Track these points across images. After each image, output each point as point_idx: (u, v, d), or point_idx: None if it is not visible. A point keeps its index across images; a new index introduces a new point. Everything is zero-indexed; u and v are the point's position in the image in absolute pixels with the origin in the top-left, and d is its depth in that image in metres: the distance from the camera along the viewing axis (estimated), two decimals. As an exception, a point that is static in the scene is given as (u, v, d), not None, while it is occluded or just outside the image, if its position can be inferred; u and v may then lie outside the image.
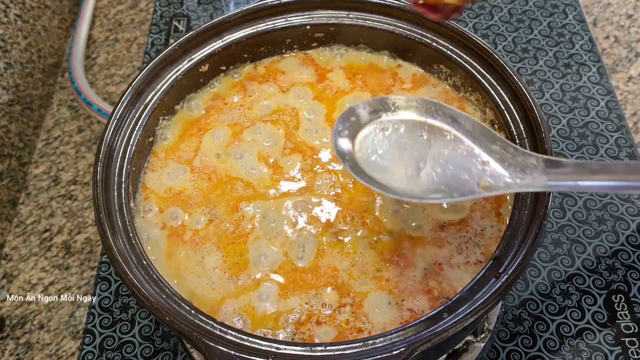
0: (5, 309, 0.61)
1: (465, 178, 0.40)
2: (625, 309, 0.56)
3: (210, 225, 0.48)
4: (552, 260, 0.59)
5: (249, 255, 0.46)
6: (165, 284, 0.41)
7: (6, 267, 0.64)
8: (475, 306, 0.38)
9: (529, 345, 0.54)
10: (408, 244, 0.46)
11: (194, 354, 0.54)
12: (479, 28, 0.78)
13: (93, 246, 0.65)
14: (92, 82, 0.79)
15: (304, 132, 0.53)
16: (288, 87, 0.56)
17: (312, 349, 0.38)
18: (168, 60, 0.52)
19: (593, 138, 0.67)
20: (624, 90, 0.74)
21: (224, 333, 0.38)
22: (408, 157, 0.41)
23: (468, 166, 0.40)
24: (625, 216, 0.62)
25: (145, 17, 0.86)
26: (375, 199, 0.48)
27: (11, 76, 0.70)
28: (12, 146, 0.69)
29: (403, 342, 0.37)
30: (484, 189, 0.39)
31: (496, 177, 0.39)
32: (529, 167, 0.39)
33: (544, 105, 0.70)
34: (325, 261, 0.46)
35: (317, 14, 0.56)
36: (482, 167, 0.40)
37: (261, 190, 0.49)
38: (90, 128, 0.75)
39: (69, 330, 0.59)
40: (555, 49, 0.75)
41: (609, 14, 0.82)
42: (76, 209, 0.68)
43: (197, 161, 0.51)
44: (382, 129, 0.43)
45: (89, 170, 0.71)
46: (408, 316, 0.43)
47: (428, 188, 0.40)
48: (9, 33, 0.71)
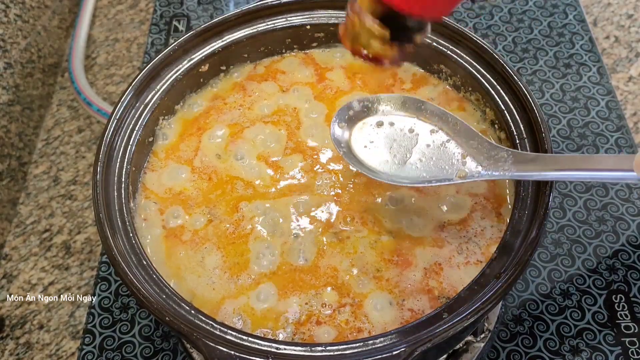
0: (5, 309, 0.61)
1: (445, 168, 0.46)
2: (626, 309, 0.56)
3: (210, 225, 0.48)
4: (552, 260, 0.59)
5: (249, 255, 0.46)
6: (165, 284, 0.41)
7: (6, 267, 0.64)
8: (475, 306, 0.38)
9: (529, 345, 0.54)
10: (408, 244, 0.46)
11: (194, 354, 0.54)
12: (479, 28, 0.78)
13: (93, 246, 0.65)
14: (92, 82, 0.79)
15: (304, 132, 0.53)
16: (288, 87, 0.56)
17: (312, 349, 0.38)
18: (168, 60, 0.52)
19: (593, 138, 0.67)
20: (624, 90, 0.74)
21: (224, 333, 0.38)
22: (397, 148, 0.47)
23: (448, 158, 0.46)
24: (625, 216, 0.62)
25: (145, 17, 0.86)
26: (376, 199, 0.48)
27: (11, 76, 0.70)
28: (12, 146, 0.69)
29: (403, 342, 0.37)
30: (460, 178, 0.45)
31: (471, 168, 0.45)
32: (501, 159, 0.44)
33: (544, 105, 0.70)
34: (325, 261, 0.46)
35: (317, 14, 0.56)
36: (460, 160, 0.46)
37: (261, 190, 0.49)
38: (90, 128, 0.75)
39: (69, 330, 0.59)
40: (555, 49, 0.75)
41: (609, 14, 0.82)
42: (76, 209, 0.68)
43: (197, 161, 0.51)
44: (375, 123, 0.49)
45: (89, 170, 0.71)
46: (408, 316, 0.43)
47: (411, 175, 0.46)
48: (9, 33, 0.71)
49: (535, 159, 0.43)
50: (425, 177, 0.46)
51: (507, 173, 0.43)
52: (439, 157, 0.46)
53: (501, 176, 0.44)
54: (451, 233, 0.46)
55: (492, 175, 0.44)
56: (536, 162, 0.43)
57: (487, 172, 0.44)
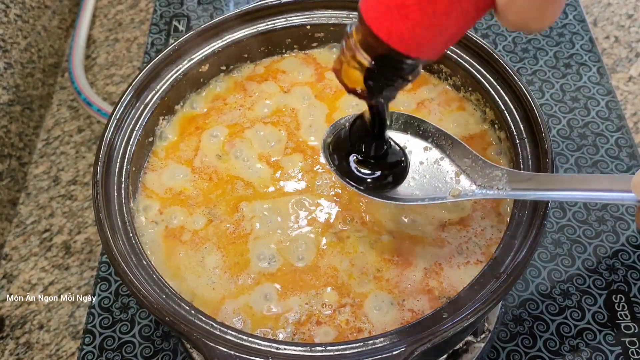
0: (5, 309, 0.61)
1: (439, 186, 0.45)
2: (626, 309, 0.56)
3: (210, 225, 0.48)
4: (552, 260, 0.59)
5: (249, 255, 0.46)
6: (165, 284, 0.41)
7: (6, 267, 0.64)
8: (475, 306, 0.38)
9: (529, 345, 0.54)
10: (408, 244, 0.46)
11: (194, 354, 0.54)
12: (479, 28, 0.78)
13: (93, 246, 0.65)
14: (92, 82, 0.79)
15: (304, 132, 0.53)
16: (289, 87, 0.56)
17: (312, 349, 0.38)
18: (168, 60, 0.52)
19: (593, 138, 0.67)
20: (624, 90, 0.74)
21: (224, 333, 0.38)
22: None
23: (442, 176, 0.45)
24: (625, 216, 0.62)
25: (145, 17, 0.86)
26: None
27: (11, 76, 0.70)
28: (12, 146, 0.69)
29: (403, 342, 0.37)
30: (453, 196, 0.44)
31: (465, 187, 0.44)
32: (495, 178, 0.43)
33: (544, 105, 0.70)
34: (325, 261, 0.46)
35: (317, 14, 0.56)
36: (454, 178, 0.45)
37: (261, 190, 0.49)
38: (90, 128, 0.75)
39: (69, 330, 0.59)
40: (555, 49, 0.75)
41: (609, 14, 0.82)
42: (76, 209, 0.68)
43: (198, 161, 0.51)
44: None
45: (89, 170, 0.71)
46: (408, 316, 0.43)
47: (404, 192, 0.45)
48: (9, 33, 0.71)
49: (531, 178, 0.43)
50: (419, 195, 0.44)
51: (502, 192, 0.42)
52: (433, 175, 0.45)
53: (495, 195, 0.43)
54: (451, 233, 0.46)
55: (487, 194, 0.43)
56: (532, 182, 0.42)
57: (481, 191, 0.43)
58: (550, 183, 0.41)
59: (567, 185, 0.41)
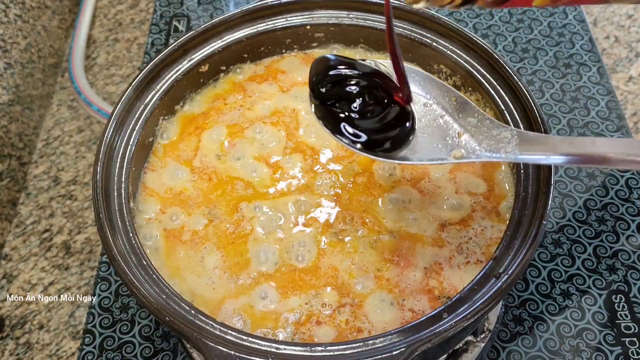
0: (5, 309, 0.61)
1: (438, 147, 0.41)
2: (626, 309, 0.56)
3: (210, 226, 0.48)
4: (552, 260, 0.59)
5: (249, 255, 0.46)
6: (165, 284, 0.41)
7: (6, 267, 0.64)
8: (475, 306, 0.38)
9: (529, 345, 0.54)
10: (408, 244, 0.46)
11: (194, 354, 0.54)
12: (479, 28, 0.78)
13: (93, 246, 0.65)
14: (92, 82, 0.79)
15: (304, 132, 0.53)
16: (289, 87, 0.56)
17: (312, 349, 0.38)
18: (168, 60, 0.52)
19: (593, 138, 0.67)
20: (624, 90, 0.74)
21: (224, 333, 0.38)
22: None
23: (443, 135, 0.41)
24: (625, 216, 0.62)
25: (145, 17, 0.86)
26: (376, 198, 0.48)
27: (11, 76, 0.70)
28: (12, 146, 0.69)
29: (403, 342, 0.37)
30: (455, 158, 0.40)
31: (468, 148, 0.40)
32: (503, 140, 0.40)
33: (544, 105, 0.70)
34: (325, 261, 0.46)
35: (317, 14, 0.56)
36: (457, 138, 0.41)
37: (261, 190, 0.49)
38: (90, 128, 0.75)
39: (69, 331, 0.59)
40: (555, 49, 0.75)
41: (609, 14, 0.82)
42: (76, 209, 0.68)
43: (197, 161, 0.51)
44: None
45: (89, 170, 0.71)
46: (408, 316, 0.43)
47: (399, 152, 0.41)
48: (9, 33, 0.71)
49: (544, 140, 0.39)
50: (413, 153, 0.41)
51: (511, 155, 0.39)
52: (432, 133, 0.41)
53: (503, 158, 0.39)
54: (451, 233, 0.46)
55: (493, 157, 0.39)
56: (545, 144, 0.38)
57: (486, 154, 0.39)
58: (566, 145, 0.38)
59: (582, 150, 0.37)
